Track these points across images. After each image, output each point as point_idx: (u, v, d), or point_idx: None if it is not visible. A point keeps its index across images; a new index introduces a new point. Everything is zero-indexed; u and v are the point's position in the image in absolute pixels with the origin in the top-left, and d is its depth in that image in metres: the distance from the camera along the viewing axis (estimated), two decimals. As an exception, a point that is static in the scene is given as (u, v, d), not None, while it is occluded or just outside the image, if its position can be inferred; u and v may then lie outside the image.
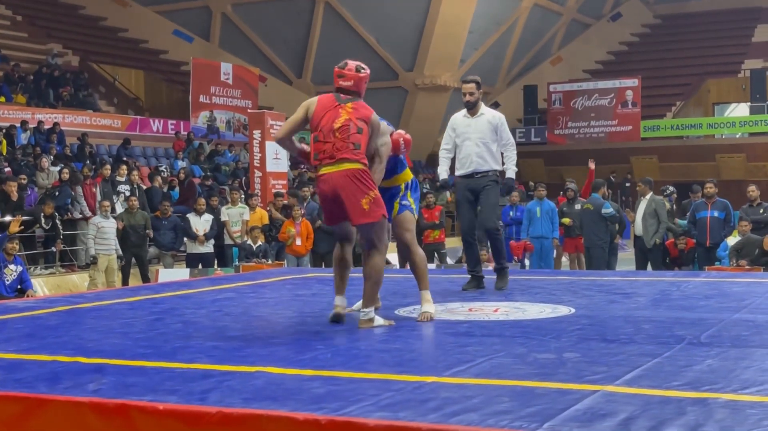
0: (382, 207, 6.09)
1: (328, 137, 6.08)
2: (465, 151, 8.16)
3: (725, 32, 39.61)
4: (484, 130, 8.12)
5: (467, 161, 8.15)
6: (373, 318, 6.03)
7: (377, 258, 6.13)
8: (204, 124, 28.68)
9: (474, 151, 8.10)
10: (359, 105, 6.22)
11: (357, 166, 6.02)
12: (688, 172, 30.44)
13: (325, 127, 6.11)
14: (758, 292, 7.75)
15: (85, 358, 4.95)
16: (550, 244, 16.01)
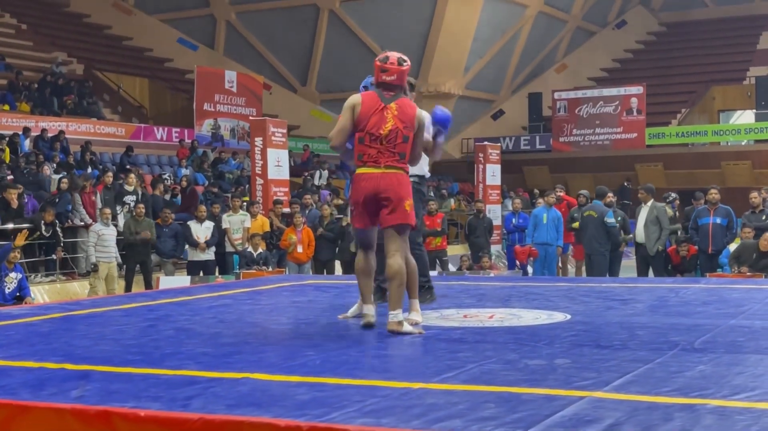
0: (413, 219, 6.17)
1: (374, 143, 6.04)
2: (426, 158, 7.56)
3: (730, 39, 39.59)
4: None
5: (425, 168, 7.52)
6: (402, 321, 5.93)
7: (401, 261, 6.08)
8: (208, 131, 28.70)
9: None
10: (403, 104, 6.11)
11: (401, 172, 6.07)
12: (694, 180, 30.35)
13: (373, 131, 6.04)
14: (757, 298, 7.69)
15: (72, 365, 4.91)
16: (555, 251, 15.97)
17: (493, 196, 23.28)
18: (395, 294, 6.02)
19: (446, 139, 6.70)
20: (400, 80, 6.18)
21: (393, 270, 6.03)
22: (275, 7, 35.10)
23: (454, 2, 32.87)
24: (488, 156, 23.35)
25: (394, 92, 6.14)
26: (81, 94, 27.92)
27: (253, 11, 35.59)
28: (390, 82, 6.16)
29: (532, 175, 34.14)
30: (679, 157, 33.48)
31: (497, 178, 23.80)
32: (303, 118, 34.59)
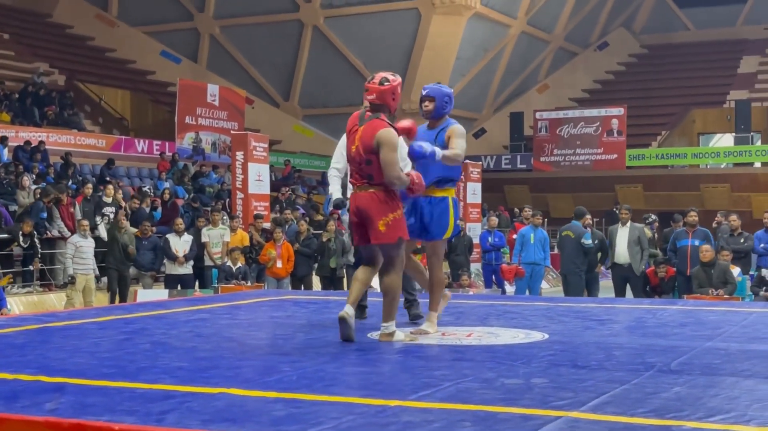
0: (401, 229, 6.21)
1: (350, 164, 6.31)
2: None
3: (711, 63, 39.90)
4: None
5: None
6: (393, 333, 6.19)
7: (393, 276, 6.27)
8: (189, 145, 28.64)
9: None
10: (368, 126, 6.19)
11: (377, 188, 6.18)
12: (673, 202, 30.52)
13: (347, 153, 6.32)
14: (734, 321, 7.72)
15: (47, 377, 4.88)
16: (541, 271, 16.01)
17: (473, 214, 23.31)
18: (386, 308, 6.25)
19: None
20: (380, 99, 6.24)
21: (383, 287, 6.30)
22: (259, 21, 35.13)
23: (437, 20, 33.01)
24: (469, 174, 23.39)
25: (372, 114, 6.22)
26: (62, 105, 27.82)
27: (236, 25, 35.62)
28: (370, 101, 6.26)
29: (513, 193, 34.24)
30: (658, 178, 33.68)
31: (478, 197, 23.84)
32: (285, 133, 34.60)
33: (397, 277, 6.30)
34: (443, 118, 6.95)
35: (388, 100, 6.28)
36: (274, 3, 34.50)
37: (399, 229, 6.22)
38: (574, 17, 39.71)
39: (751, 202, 30.73)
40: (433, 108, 6.89)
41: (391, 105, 6.30)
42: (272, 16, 34.83)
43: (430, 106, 6.90)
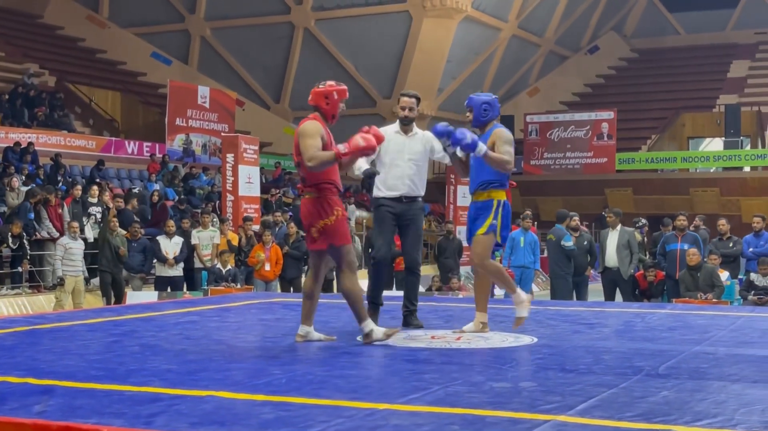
0: (336, 234, 6.24)
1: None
2: (396, 171, 7.31)
3: (701, 67, 40.01)
4: (418, 150, 7.38)
5: (398, 182, 7.31)
6: (371, 332, 6.28)
7: (345, 280, 6.36)
8: (180, 146, 28.59)
9: (407, 173, 7.33)
10: (298, 128, 6.35)
11: (312, 195, 6.27)
12: (662, 205, 30.59)
13: None
14: (722, 325, 7.75)
15: (36, 379, 4.88)
16: (531, 274, 16.01)
17: (463, 217, 23.30)
18: (354, 312, 6.34)
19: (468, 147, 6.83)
20: (314, 101, 6.46)
21: (342, 292, 6.44)
22: (250, 24, 35.11)
23: (428, 23, 33.03)
24: (459, 177, 23.41)
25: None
26: (52, 106, 27.73)
27: (228, 27, 35.59)
28: (309, 103, 6.50)
29: (503, 197, 34.23)
30: (648, 182, 33.75)
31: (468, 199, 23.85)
32: (275, 135, 34.57)
33: (349, 280, 6.33)
34: (489, 123, 7.12)
35: (320, 102, 6.41)
36: (265, 5, 34.49)
37: (333, 236, 6.24)
38: (565, 21, 39.79)
39: (741, 206, 30.83)
40: (472, 117, 7.14)
41: (323, 108, 6.40)
42: (263, 18, 34.81)
43: (470, 116, 7.17)
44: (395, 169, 7.32)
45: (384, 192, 7.36)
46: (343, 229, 6.31)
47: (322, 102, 6.40)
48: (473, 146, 6.77)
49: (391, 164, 7.32)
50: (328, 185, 6.29)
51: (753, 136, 35.47)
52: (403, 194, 7.36)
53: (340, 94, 6.44)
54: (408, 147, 7.36)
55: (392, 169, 7.32)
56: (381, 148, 6.97)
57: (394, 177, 7.33)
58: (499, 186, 7.00)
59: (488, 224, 6.96)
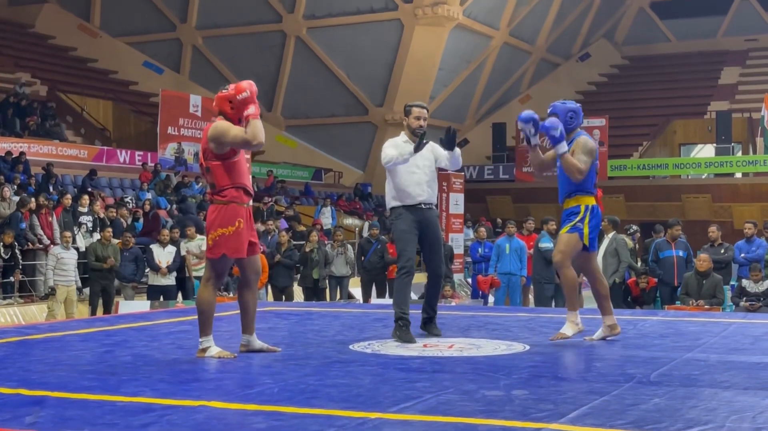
0: (228, 245, 6.14)
1: None
2: (412, 179, 7.42)
3: (692, 74, 40.12)
4: (430, 158, 7.56)
5: (416, 190, 7.43)
6: (207, 348, 6.22)
7: (204, 292, 6.33)
8: (172, 155, 28.55)
9: (424, 180, 7.46)
10: (204, 133, 6.30)
11: (216, 203, 6.22)
12: (655, 212, 30.65)
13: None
14: (713, 332, 7.77)
15: (28, 390, 4.87)
16: (518, 281, 16.02)
17: (456, 224, 23.35)
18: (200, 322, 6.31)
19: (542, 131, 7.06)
20: (217, 106, 6.32)
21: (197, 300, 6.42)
22: (242, 32, 35.12)
23: (420, 31, 33.07)
24: (452, 184, 23.43)
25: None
26: (44, 115, 27.69)
27: (219, 36, 35.60)
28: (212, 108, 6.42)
29: (495, 204, 34.30)
30: (640, 189, 33.81)
31: (460, 207, 23.88)
32: (268, 144, 34.45)
33: (208, 293, 6.29)
34: (573, 131, 7.21)
35: (224, 107, 6.27)
36: (256, 14, 34.51)
37: (225, 246, 6.16)
38: (556, 29, 39.88)
39: (732, 212, 30.90)
40: None
41: (228, 112, 6.25)
42: (255, 27, 34.83)
43: None
44: (411, 177, 7.44)
45: (403, 201, 7.46)
46: (238, 242, 6.16)
47: (226, 106, 6.26)
48: (560, 140, 6.94)
49: (405, 173, 7.43)
50: (242, 192, 6.22)
51: (744, 142, 35.55)
52: (422, 201, 7.45)
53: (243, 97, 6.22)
54: (421, 155, 7.46)
55: (408, 178, 7.44)
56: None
57: (410, 185, 7.43)
58: (585, 193, 7.09)
59: (573, 224, 7.02)
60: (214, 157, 6.18)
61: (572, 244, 7.01)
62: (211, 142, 6.15)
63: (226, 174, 6.17)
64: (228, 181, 6.17)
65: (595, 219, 7.10)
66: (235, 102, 6.23)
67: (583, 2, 40.52)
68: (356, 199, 32.05)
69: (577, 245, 7.01)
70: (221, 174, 6.18)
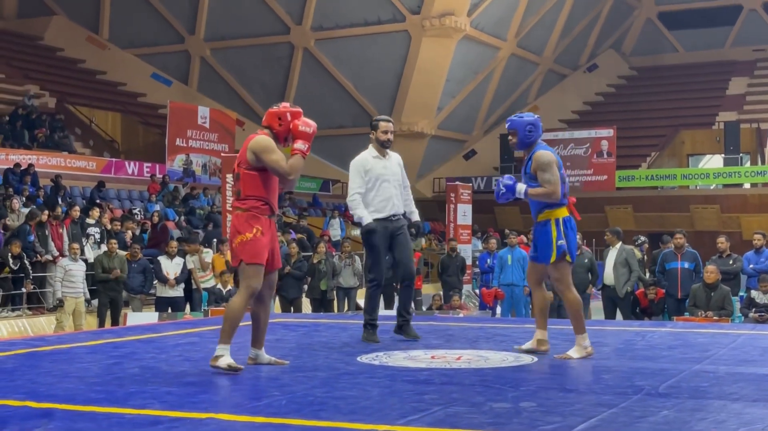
0: (245, 251, 6.12)
1: None
2: (383, 193, 7.85)
3: (700, 85, 40.10)
4: (397, 171, 7.97)
5: (386, 203, 7.84)
6: (220, 357, 6.06)
7: (236, 300, 6.25)
8: (180, 167, 28.63)
9: (393, 194, 7.87)
10: (246, 141, 6.31)
11: (237, 211, 6.23)
12: (663, 223, 30.58)
13: None
14: (722, 343, 7.74)
15: (35, 403, 4.87)
16: (521, 292, 15.98)
17: (464, 235, 23.31)
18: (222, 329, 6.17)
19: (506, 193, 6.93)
20: (266, 121, 6.41)
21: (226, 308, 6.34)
22: (250, 44, 35.22)
23: (427, 43, 33.12)
24: (459, 195, 23.42)
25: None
26: (52, 127, 27.80)
27: (227, 48, 35.70)
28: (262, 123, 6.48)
29: (503, 215, 34.27)
30: (648, 199, 33.76)
31: (468, 218, 23.85)
32: (275, 155, 34.60)
33: (239, 301, 6.20)
34: (534, 144, 6.99)
35: (272, 122, 6.34)
36: (264, 25, 34.61)
37: (243, 252, 6.13)
38: (564, 39, 39.92)
39: (741, 223, 30.83)
40: (516, 140, 7.01)
41: (276, 129, 6.32)
42: (263, 39, 34.93)
43: (514, 139, 7.05)
44: (382, 191, 7.86)
45: (373, 214, 7.83)
46: (255, 249, 6.13)
47: (274, 122, 6.33)
48: (511, 194, 6.83)
49: (375, 187, 7.85)
50: (263, 204, 6.22)
51: (752, 152, 35.50)
52: (391, 214, 7.86)
53: (294, 116, 6.33)
54: (389, 170, 7.91)
55: (380, 192, 7.86)
56: (366, 172, 7.82)
57: (380, 199, 7.85)
58: (556, 205, 6.90)
59: (555, 249, 6.84)
60: (248, 167, 6.21)
61: (563, 269, 6.89)
62: (251, 153, 6.19)
63: (255, 185, 6.19)
64: (254, 191, 6.19)
65: (569, 230, 6.92)
66: (284, 120, 6.30)
67: (590, 13, 40.56)
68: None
69: (566, 266, 6.89)
70: (250, 184, 6.20)
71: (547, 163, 6.82)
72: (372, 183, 7.84)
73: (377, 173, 7.84)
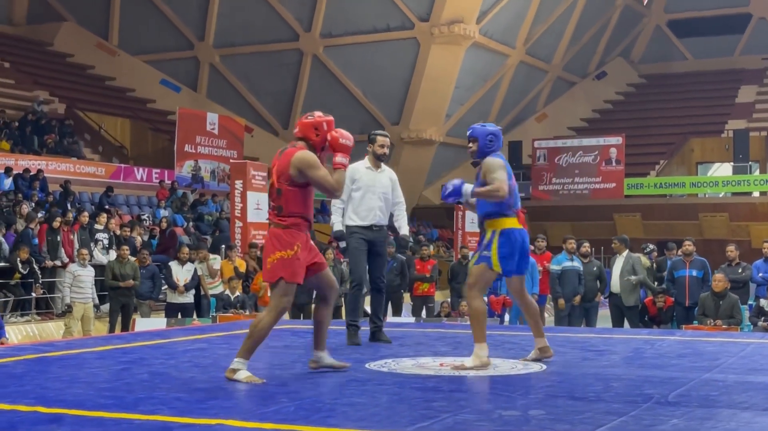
0: (286, 269, 6.01)
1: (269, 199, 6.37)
2: (368, 203, 8.23)
3: (709, 93, 40.06)
4: (386, 184, 8.35)
5: (369, 213, 8.21)
6: (237, 370, 5.96)
7: (265, 317, 6.13)
8: (188, 173, 28.69)
9: (377, 205, 8.24)
10: (285, 155, 6.19)
11: (278, 227, 6.13)
12: (671, 231, 30.52)
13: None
14: (732, 352, 7.72)
15: (45, 408, 4.88)
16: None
17: (471, 243, 23.29)
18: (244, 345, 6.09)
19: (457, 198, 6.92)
20: (302, 132, 6.28)
21: (253, 324, 6.19)
22: (259, 51, 35.29)
23: (436, 50, 33.15)
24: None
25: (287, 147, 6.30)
26: (62, 133, 27.89)
27: (236, 54, 35.77)
28: (295, 134, 6.34)
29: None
30: (657, 207, 33.71)
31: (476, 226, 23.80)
32: (284, 162, 34.64)
33: (268, 319, 6.09)
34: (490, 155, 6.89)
35: (309, 133, 6.24)
36: (273, 32, 34.68)
37: (284, 269, 6.03)
38: (573, 47, 39.92)
39: (750, 231, 30.75)
40: (476, 148, 6.92)
41: (312, 139, 6.22)
42: (272, 45, 35.01)
43: (474, 147, 6.95)
44: (367, 201, 8.24)
45: (357, 221, 8.24)
46: (295, 267, 6.04)
47: (311, 133, 6.24)
48: (457, 194, 6.75)
49: (363, 197, 8.24)
50: (303, 221, 6.14)
51: (762, 161, 35.45)
52: (373, 223, 8.25)
53: (330, 125, 6.28)
54: (378, 181, 8.31)
55: (364, 201, 8.24)
56: (354, 181, 8.18)
57: (366, 208, 8.23)
58: (498, 215, 6.78)
59: (478, 256, 6.82)
60: (291, 183, 6.09)
61: (479, 274, 6.79)
62: (295, 170, 6.07)
63: (297, 201, 6.10)
64: (296, 208, 6.09)
65: (509, 243, 6.75)
66: (321, 131, 6.21)
67: (599, 21, 40.56)
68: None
69: (485, 274, 6.77)
70: (293, 200, 6.09)
71: (496, 165, 6.73)
72: (358, 191, 8.23)
73: (365, 183, 8.24)
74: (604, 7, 40.25)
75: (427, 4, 32.79)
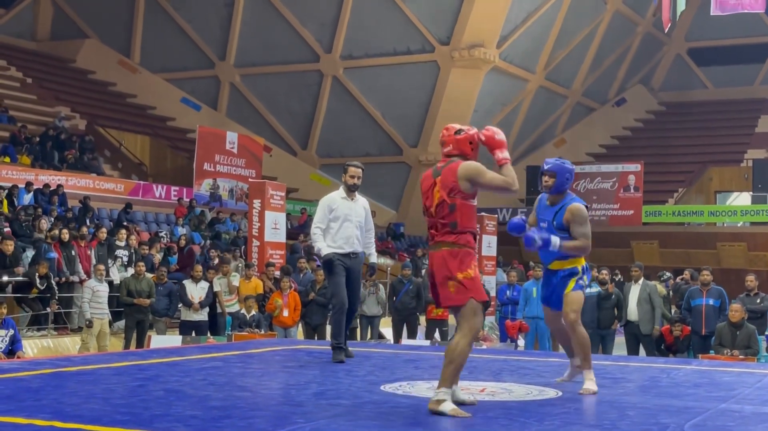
0: (472, 290, 5.85)
1: (430, 218, 6.09)
2: (345, 232, 8.68)
3: (729, 122, 39.97)
4: (361, 213, 8.83)
5: (348, 241, 8.67)
6: (443, 401, 5.65)
7: (461, 341, 5.86)
8: (207, 191, 28.77)
9: (354, 233, 8.70)
10: (447, 171, 6.04)
11: (452, 247, 5.93)
12: (689, 259, 30.40)
13: (427, 208, 6.11)
14: (748, 382, 7.68)
15: (61, 423, 4.90)
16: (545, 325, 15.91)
17: (488, 266, 23.28)
18: (446, 373, 5.78)
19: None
20: (457, 149, 6.17)
21: (448, 351, 5.86)
22: (279, 71, 35.45)
23: (456, 73, 33.23)
24: (485, 227, 23.40)
25: (444, 163, 6.15)
26: (82, 149, 28.05)
27: (257, 74, 35.95)
28: (448, 153, 6.20)
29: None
30: (675, 235, 33.58)
31: (493, 249, 23.82)
32: (302, 182, 34.77)
33: (465, 343, 5.83)
34: (564, 193, 7.06)
35: (464, 148, 6.17)
36: (294, 53, 34.85)
37: (471, 290, 5.85)
38: (593, 73, 39.94)
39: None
40: (552, 184, 7.02)
41: (469, 154, 6.16)
42: (292, 66, 35.16)
43: (550, 182, 7.04)
44: (345, 230, 8.69)
45: (335, 249, 8.66)
46: (478, 286, 5.93)
47: (467, 147, 6.17)
48: (546, 247, 6.82)
49: (341, 226, 8.69)
50: (473, 239, 6.01)
51: (781, 191, 35.30)
52: (351, 251, 8.70)
53: (476, 134, 6.25)
54: (354, 211, 8.78)
55: (342, 230, 8.69)
56: (332, 211, 8.67)
57: (343, 237, 8.68)
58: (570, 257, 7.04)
59: (574, 283, 6.95)
60: (463, 196, 5.99)
61: (581, 302, 6.94)
62: (465, 181, 5.98)
63: (470, 215, 6.02)
64: (469, 223, 6.00)
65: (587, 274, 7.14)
66: (474, 143, 6.19)
67: (620, 47, 40.57)
68: (389, 238, 32.08)
69: (582, 300, 6.96)
70: (467, 215, 5.99)
71: (585, 217, 6.99)
72: (336, 221, 8.69)
73: (343, 212, 8.70)
74: (625, 34, 40.27)
75: (448, 28, 32.90)
